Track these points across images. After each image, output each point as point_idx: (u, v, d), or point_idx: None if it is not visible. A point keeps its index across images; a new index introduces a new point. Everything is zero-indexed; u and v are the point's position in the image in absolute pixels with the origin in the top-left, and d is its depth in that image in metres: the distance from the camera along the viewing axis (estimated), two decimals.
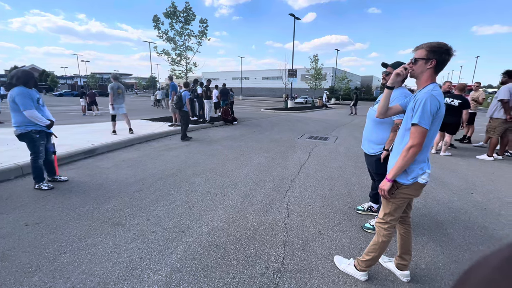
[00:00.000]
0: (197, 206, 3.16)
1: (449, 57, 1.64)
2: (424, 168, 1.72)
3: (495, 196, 3.70)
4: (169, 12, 12.18)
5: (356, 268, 2.02)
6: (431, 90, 1.63)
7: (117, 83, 7.21)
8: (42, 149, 3.59)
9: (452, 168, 4.99)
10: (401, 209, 1.84)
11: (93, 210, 3.00)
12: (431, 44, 1.64)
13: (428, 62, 1.65)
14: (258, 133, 8.74)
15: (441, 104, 1.62)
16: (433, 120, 1.62)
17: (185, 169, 4.59)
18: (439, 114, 1.63)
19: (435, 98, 1.59)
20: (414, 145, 1.63)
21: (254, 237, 2.54)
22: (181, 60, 13.21)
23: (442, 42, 1.63)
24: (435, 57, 1.62)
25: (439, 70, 1.68)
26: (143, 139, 6.98)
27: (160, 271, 2.04)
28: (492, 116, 5.56)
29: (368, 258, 1.95)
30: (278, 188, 3.80)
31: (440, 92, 1.66)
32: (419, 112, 1.60)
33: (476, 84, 7.38)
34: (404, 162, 1.67)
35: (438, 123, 1.66)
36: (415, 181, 1.72)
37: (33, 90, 3.54)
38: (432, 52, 1.63)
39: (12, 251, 2.22)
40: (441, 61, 1.63)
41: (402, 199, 1.79)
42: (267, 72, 63.72)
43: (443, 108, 1.64)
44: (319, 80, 29.85)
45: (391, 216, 1.84)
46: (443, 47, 1.61)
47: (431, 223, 2.91)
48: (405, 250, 2.01)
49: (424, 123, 1.60)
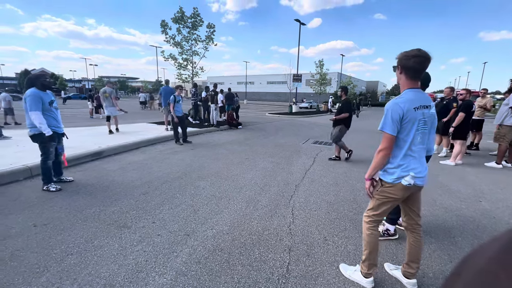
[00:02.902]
0: (202, 210, 3.17)
1: (410, 62, 1.69)
2: (408, 171, 1.77)
3: (505, 204, 3.63)
4: (177, 17, 12.39)
5: (362, 274, 2.00)
6: (396, 99, 1.76)
7: (105, 88, 8.13)
8: (52, 150, 3.66)
9: (460, 175, 4.92)
10: (385, 206, 1.89)
11: (99, 212, 3.03)
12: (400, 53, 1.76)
13: (398, 70, 1.79)
14: (263, 138, 8.76)
15: (406, 110, 1.70)
16: (402, 125, 1.73)
17: (190, 172, 4.62)
18: (408, 119, 1.71)
19: (398, 106, 1.71)
20: (382, 149, 1.78)
21: (259, 242, 2.53)
22: (187, 65, 13.37)
23: (412, 49, 1.71)
24: (399, 64, 1.75)
25: (413, 77, 1.75)
26: (148, 142, 7.05)
27: (166, 274, 2.04)
28: (502, 123, 5.48)
29: (364, 257, 1.97)
30: (283, 193, 3.79)
31: (409, 98, 1.73)
32: (382, 119, 1.77)
33: (483, 90, 7.30)
34: (375, 163, 1.82)
35: (413, 129, 1.74)
36: (398, 182, 1.79)
37: (46, 92, 3.62)
38: (398, 59, 1.77)
39: (21, 251, 2.26)
40: (406, 67, 1.73)
41: (385, 197, 1.86)
42: (272, 77, 64.01)
43: (412, 113, 1.71)
44: (324, 85, 29.88)
45: (374, 211, 1.92)
46: (406, 53, 1.71)
47: (439, 231, 2.87)
48: (413, 258, 1.99)
49: (387, 129, 1.74)
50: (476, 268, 0.26)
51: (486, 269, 0.25)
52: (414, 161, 1.80)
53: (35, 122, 3.44)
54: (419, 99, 1.75)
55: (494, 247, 0.27)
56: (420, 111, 1.74)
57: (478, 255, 0.28)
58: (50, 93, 3.71)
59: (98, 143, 6.15)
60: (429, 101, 1.81)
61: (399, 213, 2.61)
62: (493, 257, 0.26)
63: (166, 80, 10.23)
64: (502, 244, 0.27)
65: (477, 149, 7.36)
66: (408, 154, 1.78)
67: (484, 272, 0.25)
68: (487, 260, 0.26)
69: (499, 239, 0.28)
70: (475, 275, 0.26)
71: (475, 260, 0.27)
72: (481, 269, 0.26)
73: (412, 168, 1.78)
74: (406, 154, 1.78)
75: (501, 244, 0.27)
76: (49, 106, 3.58)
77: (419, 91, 1.79)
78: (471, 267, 0.27)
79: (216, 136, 8.94)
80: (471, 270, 0.27)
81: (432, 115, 1.84)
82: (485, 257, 0.26)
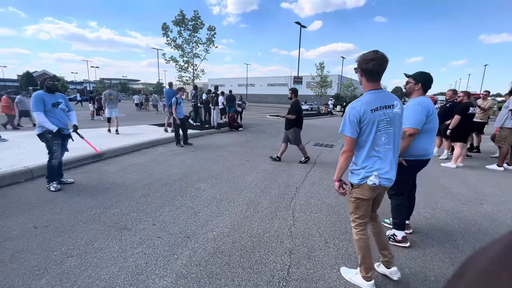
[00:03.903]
0: (202, 212, 3.17)
1: (369, 65, 1.74)
2: (372, 171, 1.82)
3: (506, 207, 3.61)
4: (178, 20, 12.46)
5: (362, 276, 2.00)
6: (354, 102, 1.81)
7: (110, 90, 8.50)
8: (56, 148, 3.73)
9: (461, 178, 4.90)
10: (363, 208, 1.94)
11: (100, 214, 3.03)
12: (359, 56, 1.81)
13: (359, 73, 1.84)
14: (264, 140, 8.76)
15: (362, 112, 1.74)
16: (361, 127, 1.77)
17: (191, 174, 4.62)
18: (366, 121, 1.75)
19: (355, 109, 1.76)
20: (344, 151, 1.85)
21: (260, 245, 2.52)
22: (188, 67, 13.42)
23: (369, 52, 1.77)
24: (359, 67, 1.81)
25: (372, 79, 1.80)
26: (149, 144, 7.06)
27: (166, 277, 2.04)
28: (503, 126, 5.47)
29: (359, 262, 1.99)
30: (284, 195, 3.78)
31: (366, 100, 1.77)
32: (342, 122, 1.83)
33: (485, 92, 7.29)
34: (340, 165, 1.90)
35: (373, 130, 1.76)
36: (363, 182, 1.85)
37: (53, 95, 3.75)
38: (358, 63, 1.82)
39: (21, 253, 2.25)
40: (365, 70, 1.78)
41: (357, 198, 1.92)
42: (272, 79, 64.11)
43: (370, 114, 1.74)
44: (324, 87, 29.91)
45: (355, 215, 1.98)
46: (364, 56, 1.76)
47: (440, 233, 2.85)
48: (381, 246, 2.09)
49: (346, 132, 1.80)
50: (479, 269, 0.26)
51: (489, 270, 0.25)
52: (379, 162, 1.83)
53: (37, 122, 3.62)
54: (379, 100, 1.78)
55: (496, 249, 0.27)
56: (379, 112, 1.76)
57: (480, 257, 0.27)
58: (59, 95, 3.85)
59: (99, 145, 6.15)
60: (391, 101, 1.82)
61: (403, 216, 2.60)
62: (495, 258, 0.26)
63: (169, 83, 10.30)
64: (504, 246, 0.26)
65: (478, 151, 7.34)
66: (371, 155, 1.82)
67: (487, 273, 0.25)
68: (489, 261, 0.26)
69: (501, 240, 0.28)
70: (478, 276, 0.26)
71: (477, 262, 0.27)
72: (484, 270, 0.26)
73: (377, 168, 1.82)
74: (370, 155, 1.83)
75: (503, 246, 0.26)
76: (51, 107, 3.68)
77: (381, 91, 1.82)
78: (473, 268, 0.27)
79: (217, 138, 8.95)
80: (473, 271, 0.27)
81: (396, 114, 1.83)
82: (487, 259, 0.26)
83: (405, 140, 2.42)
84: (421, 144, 2.48)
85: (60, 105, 3.79)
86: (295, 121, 5.59)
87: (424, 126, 2.44)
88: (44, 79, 3.79)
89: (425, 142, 2.50)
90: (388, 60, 1.76)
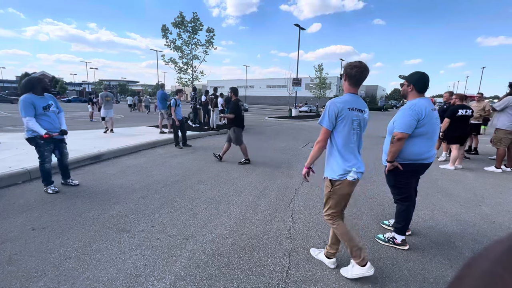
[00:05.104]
0: (201, 214, 3.16)
1: (353, 71, 1.96)
2: (351, 167, 1.98)
3: (505, 209, 3.62)
4: (177, 22, 12.49)
5: (359, 266, 2.05)
6: (335, 99, 2.00)
7: (106, 92, 8.91)
8: (48, 154, 3.62)
9: (459, 179, 4.92)
10: (342, 203, 2.10)
11: (98, 215, 3.02)
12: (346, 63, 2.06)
13: (343, 77, 2.06)
14: (263, 141, 8.76)
15: (341, 108, 1.94)
16: (337, 121, 1.96)
17: (190, 176, 4.61)
18: (343, 116, 1.94)
19: (335, 104, 1.96)
20: (318, 141, 2.04)
21: (259, 246, 2.52)
22: (187, 69, 13.44)
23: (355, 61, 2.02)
24: (345, 72, 2.03)
25: (354, 84, 2.01)
26: (148, 145, 7.05)
27: (164, 279, 2.03)
28: (498, 127, 5.50)
29: (349, 250, 2.07)
30: (283, 197, 3.78)
31: (346, 99, 1.98)
32: (322, 115, 2.01)
33: (479, 95, 7.32)
34: (312, 153, 2.08)
35: (348, 124, 1.95)
36: (344, 178, 1.98)
37: (42, 97, 3.56)
38: (344, 68, 2.06)
39: (19, 255, 2.24)
40: (349, 76, 1.99)
41: (338, 195, 2.04)
42: (271, 81, 64.24)
43: (347, 111, 1.94)
44: (323, 89, 29.97)
45: (332, 210, 2.10)
46: (350, 64, 2.00)
47: (439, 235, 2.85)
48: (335, 241, 2.22)
49: (324, 124, 1.99)
50: (480, 271, 0.26)
51: (490, 271, 0.25)
52: (353, 157, 2.01)
53: (28, 127, 3.43)
54: (355, 102, 2.00)
55: (498, 250, 0.26)
56: (354, 112, 1.97)
57: (482, 258, 0.27)
58: (48, 97, 3.65)
59: (98, 146, 6.15)
60: (364, 107, 2.06)
61: (407, 221, 2.58)
62: (497, 260, 0.25)
63: (161, 84, 10.34)
64: (506, 247, 0.26)
65: (477, 153, 7.37)
66: (347, 151, 1.99)
67: (488, 275, 0.25)
68: (491, 263, 0.26)
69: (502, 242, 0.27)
70: (479, 278, 0.26)
71: (479, 263, 0.27)
72: (485, 272, 0.25)
73: (353, 163, 1.99)
74: (346, 152, 1.99)
75: (505, 247, 0.26)
76: (43, 111, 3.49)
77: (357, 97, 2.05)
78: (475, 270, 0.27)
79: (215, 139, 8.94)
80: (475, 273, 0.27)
81: (364, 119, 2.06)
82: (489, 260, 0.26)
83: (394, 145, 2.37)
84: (416, 148, 2.40)
85: (51, 108, 3.60)
86: (235, 120, 5.57)
87: (416, 130, 2.35)
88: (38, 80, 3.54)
89: (421, 145, 2.40)
90: (369, 70, 2.01)
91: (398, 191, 2.61)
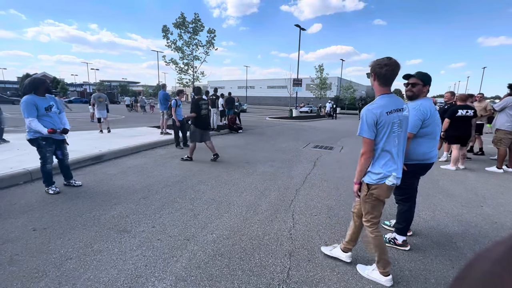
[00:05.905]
0: (202, 214, 3.16)
1: (382, 70, 1.83)
2: (391, 172, 1.90)
3: (506, 209, 3.61)
4: (178, 22, 12.51)
5: (380, 272, 2.04)
6: (370, 105, 1.89)
7: (99, 93, 9.07)
8: (49, 155, 3.63)
9: (460, 180, 4.91)
10: (379, 207, 2.02)
11: (99, 216, 3.02)
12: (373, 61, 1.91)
13: (372, 77, 1.92)
14: (263, 142, 8.76)
15: (379, 115, 1.83)
16: (378, 129, 1.86)
17: (191, 176, 4.61)
18: (382, 123, 1.84)
19: (371, 112, 1.85)
20: (363, 153, 1.92)
21: (259, 247, 2.52)
22: (188, 69, 13.45)
23: (383, 58, 1.87)
24: (373, 72, 1.89)
25: (386, 83, 1.89)
26: (149, 146, 7.06)
27: (165, 280, 2.03)
28: (497, 127, 5.50)
29: (377, 259, 2.03)
30: (283, 197, 3.78)
31: (381, 104, 1.86)
32: (359, 125, 1.89)
33: (479, 95, 7.31)
34: (360, 167, 1.96)
35: (387, 132, 1.86)
36: (382, 182, 1.91)
37: (43, 98, 3.57)
38: (371, 67, 1.91)
39: (20, 256, 2.24)
40: (379, 75, 1.86)
41: (374, 199, 1.97)
42: (272, 81, 64.21)
43: (386, 117, 1.83)
44: (324, 90, 29.97)
45: (371, 215, 2.02)
46: (378, 62, 1.86)
47: (440, 236, 2.85)
48: (354, 238, 2.24)
49: (364, 134, 1.87)
50: (481, 271, 0.26)
51: (491, 272, 0.25)
52: (392, 162, 1.92)
53: (29, 127, 3.44)
54: (392, 103, 1.89)
55: (499, 250, 0.26)
56: (394, 115, 1.87)
57: (483, 259, 0.27)
58: (50, 98, 3.66)
59: (99, 147, 6.16)
60: (401, 105, 1.94)
61: (408, 222, 2.58)
62: (498, 260, 0.25)
63: (162, 85, 10.27)
64: (507, 248, 0.26)
65: (482, 153, 7.30)
66: (387, 156, 1.91)
67: (489, 275, 0.25)
68: (492, 263, 0.26)
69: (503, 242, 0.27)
70: (480, 278, 0.26)
71: (480, 264, 0.27)
72: (486, 272, 0.25)
73: (393, 169, 1.91)
74: (386, 156, 1.91)
75: (506, 248, 0.26)
76: (45, 112, 3.50)
77: (392, 95, 1.93)
78: (476, 270, 0.27)
79: (216, 140, 8.94)
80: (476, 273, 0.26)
81: (405, 117, 1.96)
82: (490, 260, 0.26)
83: None
84: (420, 148, 2.44)
85: (53, 108, 3.61)
86: (194, 119, 5.66)
87: (421, 130, 2.40)
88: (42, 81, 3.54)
89: (425, 146, 2.45)
90: (400, 66, 1.85)
91: (400, 191, 2.60)
